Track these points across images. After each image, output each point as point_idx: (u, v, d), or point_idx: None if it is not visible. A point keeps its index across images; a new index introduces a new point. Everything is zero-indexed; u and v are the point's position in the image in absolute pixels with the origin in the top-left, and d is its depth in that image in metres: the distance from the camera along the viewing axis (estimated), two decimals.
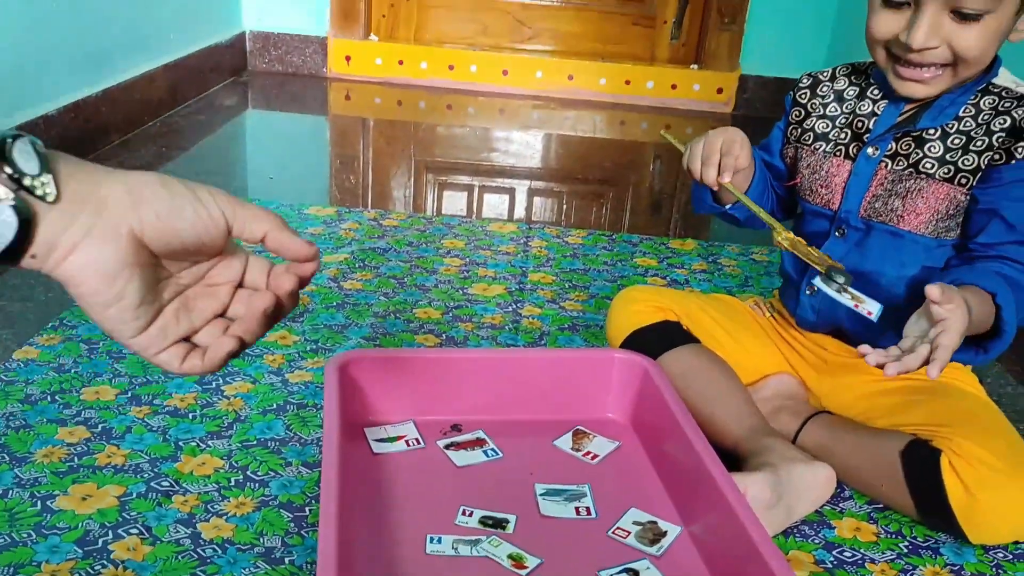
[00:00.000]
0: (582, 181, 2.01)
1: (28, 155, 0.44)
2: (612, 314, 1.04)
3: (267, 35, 2.68)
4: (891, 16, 0.84)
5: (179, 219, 0.48)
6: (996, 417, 0.89)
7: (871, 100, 0.94)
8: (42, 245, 0.45)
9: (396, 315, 1.24)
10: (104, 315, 0.49)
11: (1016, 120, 0.85)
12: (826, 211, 0.96)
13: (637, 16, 2.73)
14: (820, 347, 1.01)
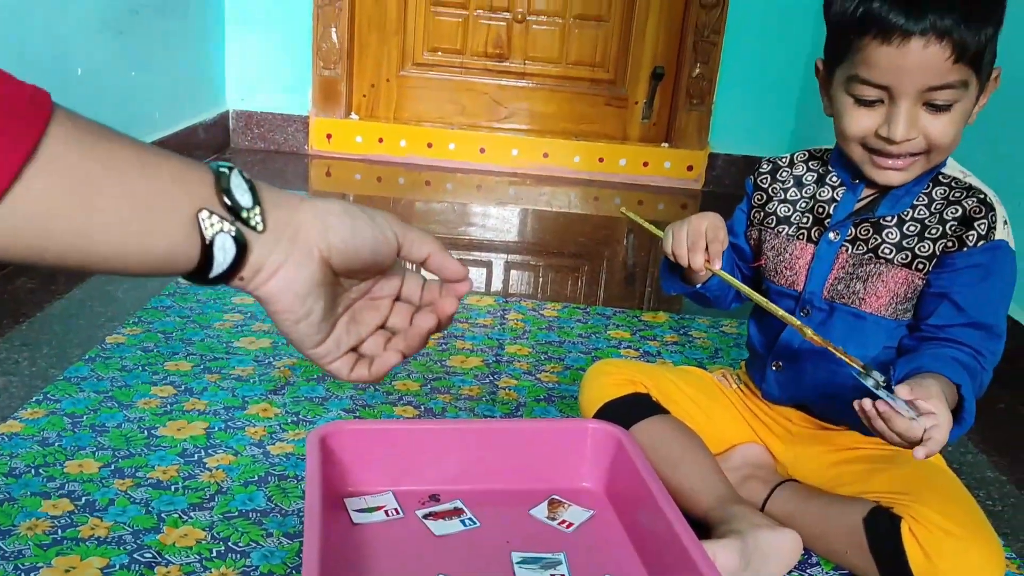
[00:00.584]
0: (557, 255, 2.06)
1: (242, 189, 0.50)
2: (584, 387, 1.07)
3: (250, 114, 2.75)
4: (865, 113, 0.89)
5: (360, 242, 0.54)
6: (954, 484, 0.93)
7: (830, 187, 1.00)
8: (250, 268, 0.51)
9: (375, 387, 1.26)
10: (293, 329, 0.55)
11: (966, 210, 0.91)
12: (791, 292, 1.01)
13: (609, 97, 2.83)
14: (786, 419, 1.05)
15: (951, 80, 0.84)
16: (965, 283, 0.90)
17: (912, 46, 0.83)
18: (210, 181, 0.49)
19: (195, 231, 0.48)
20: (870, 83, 0.87)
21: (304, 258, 0.52)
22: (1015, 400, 1.42)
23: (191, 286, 1.55)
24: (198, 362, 1.29)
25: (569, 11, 2.75)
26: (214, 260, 0.49)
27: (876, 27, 0.84)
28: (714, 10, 2.66)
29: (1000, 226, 0.91)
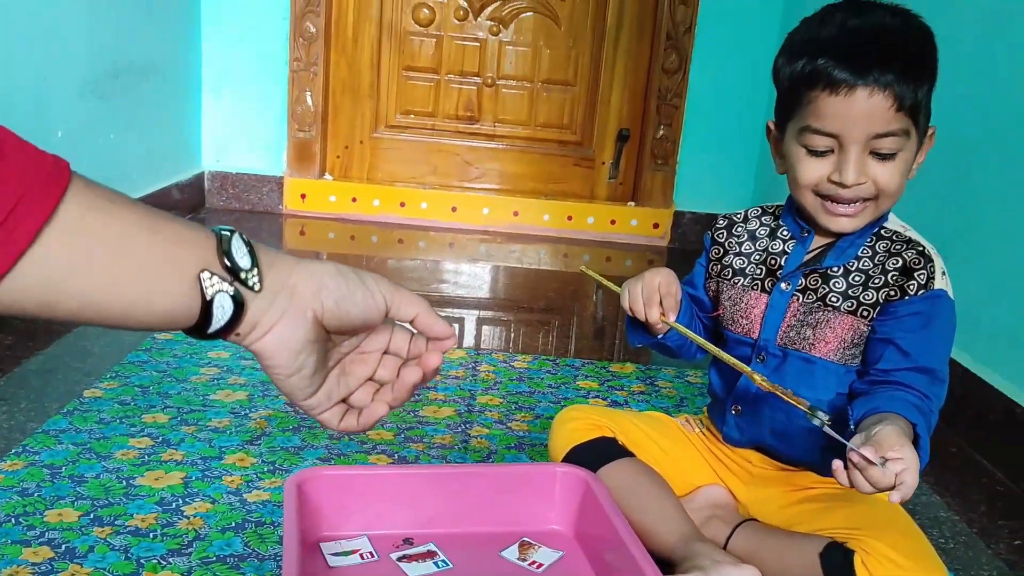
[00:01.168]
0: (528, 310, 2.11)
1: (242, 252, 0.54)
2: (552, 433, 1.11)
3: (225, 175, 2.80)
4: (817, 162, 0.95)
5: (351, 304, 0.58)
6: (904, 520, 0.98)
7: (781, 240, 1.06)
8: (246, 325, 0.55)
9: (350, 437, 1.29)
10: (286, 382, 0.59)
11: (906, 261, 0.97)
12: (747, 339, 1.06)
13: (577, 158, 2.92)
14: (746, 460, 1.09)
15: (894, 128, 0.91)
16: (908, 329, 0.96)
17: (858, 95, 0.90)
18: (212, 244, 0.54)
19: (196, 290, 0.52)
20: (821, 132, 0.93)
21: (298, 317, 0.56)
22: (967, 444, 1.48)
23: (167, 341, 1.59)
24: (175, 414, 1.32)
25: (537, 76, 2.86)
26: (213, 317, 0.53)
27: (824, 81, 0.91)
28: (676, 75, 2.77)
29: (939, 277, 0.97)
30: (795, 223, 1.05)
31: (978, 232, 1.57)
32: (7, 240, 0.45)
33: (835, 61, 0.91)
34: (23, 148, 0.47)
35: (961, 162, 1.63)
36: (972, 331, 1.56)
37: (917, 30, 0.95)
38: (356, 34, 2.80)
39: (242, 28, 2.71)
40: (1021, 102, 1.48)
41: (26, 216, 0.46)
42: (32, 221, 0.46)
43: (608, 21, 2.81)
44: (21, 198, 0.46)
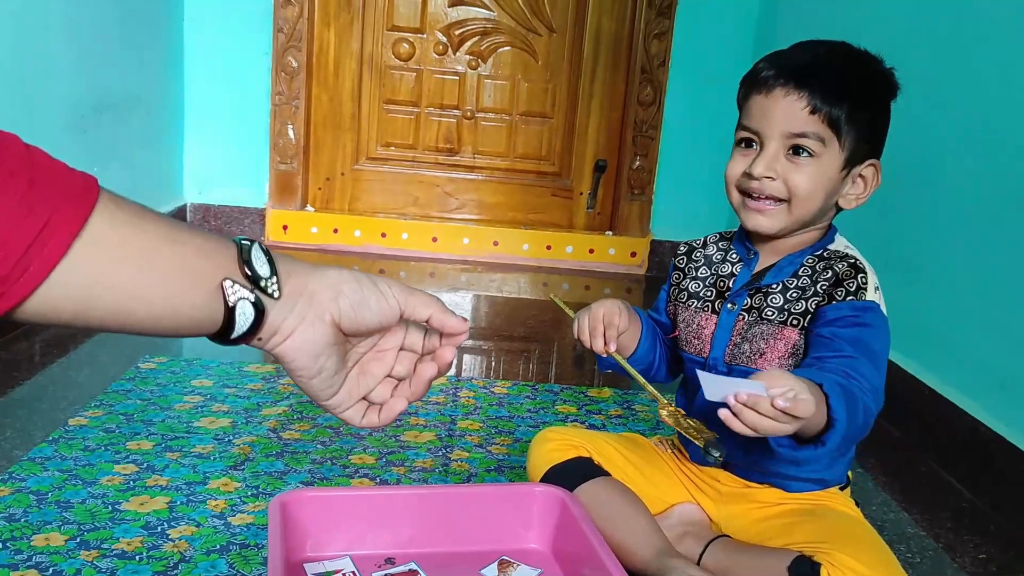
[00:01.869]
0: (508, 338, 2.15)
1: (262, 261, 0.58)
2: (530, 454, 1.14)
3: (207, 207, 2.83)
4: (740, 158, 1.02)
5: (367, 309, 0.62)
6: (869, 533, 1.01)
7: (730, 263, 1.10)
8: (267, 330, 0.59)
9: (333, 461, 1.32)
10: (308, 384, 0.62)
11: (838, 273, 1.00)
12: (699, 358, 1.10)
13: (556, 188, 2.97)
14: (714, 479, 1.12)
15: (808, 130, 0.97)
16: (839, 327, 0.97)
17: (776, 93, 0.98)
18: (233, 254, 0.57)
19: (219, 298, 0.56)
20: (746, 127, 1.02)
21: (316, 322, 0.60)
22: (935, 463, 1.52)
23: (151, 370, 1.61)
24: (159, 441, 1.34)
25: (515, 109, 2.91)
26: (235, 323, 0.57)
27: (755, 83, 1.01)
28: (651, 107, 2.84)
29: (871, 290, 0.99)
30: (742, 245, 1.09)
31: (945, 257, 1.63)
32: (40, 253, 0.48)
33: (767, 65, 1.00)
34: (54, 167, 0.51)
35: (929, 189, 1.69)
36: (939, 354, 1.61)
37: (853, 58, 1.01)
38: (337, 68, 2.85)
39: (225, 62, 2.76)
40: (984, 132, 1.55)
41: (58, 231, 0.49)
42: (63, 236, 0.49)
43: (584, 55, 2.87)
44: (53, 214, 0.49)
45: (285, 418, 1.46)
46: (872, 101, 1.00)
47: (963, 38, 1.62)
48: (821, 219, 1.04)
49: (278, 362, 0.61)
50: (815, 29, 2.32)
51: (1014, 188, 1.43)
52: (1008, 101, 1.46)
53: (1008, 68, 1.48)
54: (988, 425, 1.42)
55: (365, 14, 2.83)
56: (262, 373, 1.67)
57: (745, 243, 1.09)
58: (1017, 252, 1.41)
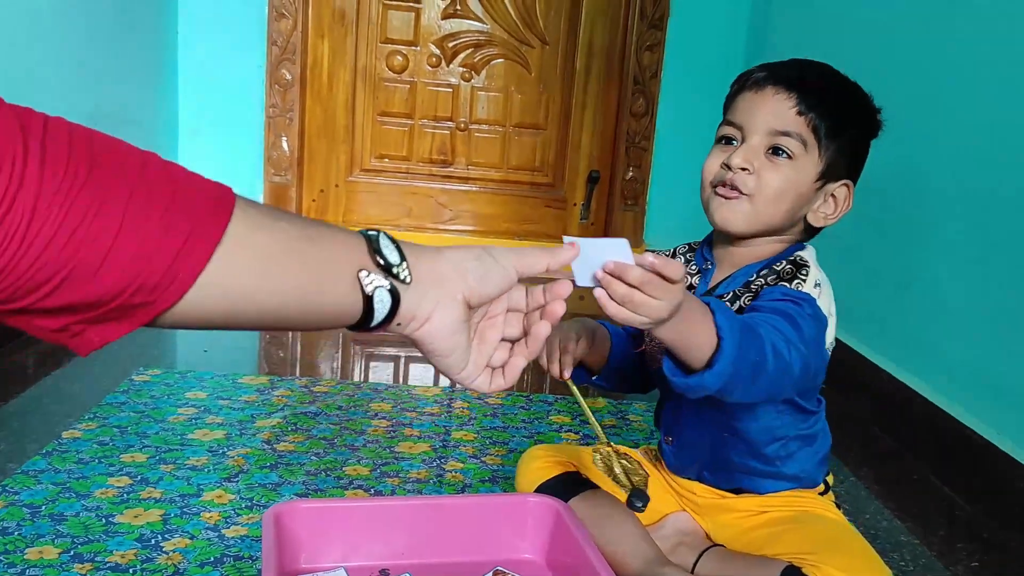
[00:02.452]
0: None
1: (391, 249, 0.61)
2: (518, 473, 1.14)
3: None
4: (722, 152, 1.02)
5: (490, 282, 0.66)
6: (855, 540, 1.01)
7: (689, 274, 1.10)
8: (404, 316, 0.62)
9: (327, 473, 1.32)
10: (445, 362, 0.66)
11: (779, 271, 1.00)
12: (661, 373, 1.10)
13: (549, 199, 2.98)
14: (690, 491, 1.12)
15: (792, 130, 0.98)
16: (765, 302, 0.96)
17: (767, 91, 0.99)
18: (363, 245, 0.61)
19: (357, 289, 0.59)
20: (731, 123, 1.02)
21: (449, 303, 0.63)
22: (927, 471, 1.52)
23: (145, 383, 1.61)
24: (153, 454, 1.34)
25: (509, 120, 2.93)
26: (374, 311, 0.60)
27: (745, 81, 1.02)
28: (644, 118, 2.85)
29: (809, 285, 0.98)
30: (702, 257, 1.09)
31: (936, 266, 1.64)
32: (186, 262, 0.52)
33: (761, 69, 1.02)
34: (192, 179, 0.55)
35: (921, 200, 1.70)
36: (931, 362, 1.62)
37: (845, 84, 1.03)
38: (331, 81, 2.86)
39: (218, 75, 2.76)
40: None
41: (201, 240, 0.52)
42: (206, 244, 0.53)
43: (577, 67, 2.89)
44: (196, 225, 0.52)
45: (279, 430, 1.46)
46: (856, 125, 1.01)
47: (954, 53, 1.64)
48: (788, 229, 1.02)
49: (416, 346, 0.64)
50: (805, 42, 2.35)
51: (1005, 199, 1.44)
52: (997, 115, 1.48)
53: (998, 83, 1.49)
54: (980, 433, 1.43)
55: (359, 27, 2.84)
56: (256, 385, 1.67)
57: (704, 253, 1.09)
58: (1007, 261, 1.42)
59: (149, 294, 0.52)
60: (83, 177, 0.49)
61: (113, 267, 0.50)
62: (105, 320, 0.52)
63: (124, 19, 2.34)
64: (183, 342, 2.07)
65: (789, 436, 1.04)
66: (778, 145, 0.98)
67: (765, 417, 1.02)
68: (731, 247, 1.05)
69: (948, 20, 1.66)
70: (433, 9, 2.85)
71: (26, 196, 0.47)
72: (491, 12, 2.86)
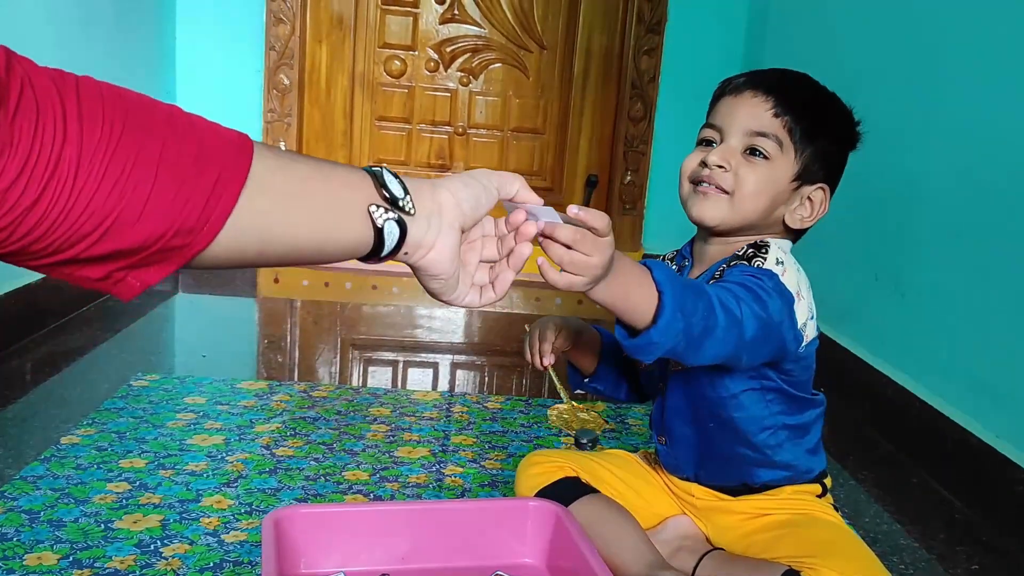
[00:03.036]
0: (501, 353, 2.15)
1: (395, 183, 0.65)
2: (517, 479, 1.14)
3: None
4: (700, 152, 1.03)
5: (480, 206, 0.70)
6: (853, 543, 1.01)
7: None
8: (411, 244, 0.67)
9: (326, 478, 1.32)
10: (442, 287, 0.71)
11: (740, 255, 0.99)
12: (648, 372, 1.12)
13: (547, 203, 2.98)
14: (688, 493, 1.12)
15: (768, 130, 0.99)
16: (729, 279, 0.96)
17: (745, 95, 1.02)
18: (370, 181, 0.65)
19: (367, 222, 0.64)
20: (711, 126, 1.03)
21: (449, 231, 0.68)
22: (927, 476, 1.53)
23: (143, 388, 1.61)
24: (152, 459, 1.33)
25: (507, 125, 2.93)
26: (384, 242, 0.65)
27: (728, 87, 1.04)
28: (641, 123, 2.85)
29: (771, 262, 0.97)
30: (681, 256, 1.10)
31: (934, 270, 1.64)
32: (217, 205, 0.56)
33: (741, 75, 1.04)
34: (214, 128, 0.59)
35: (917, 204, 1.71)
36: (929, 366, 1.62)
37: (824, 93, 1.04)
38: (329, 86, 2.86)
39: (217, 80, 2.76)
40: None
41: (228, 184, 0.57)
42: (233, 187, 0.57)
43: (575, 71, 2.89)
44: (222, 171, 0.56)
45: (278, 435, 1.46)
46: (832, 131, 1.03)
47: (951, 58, 1.64)
48: (765, 228, 1.03)
49: (417, 273, 0.70)
50: (802, 47, 2.35)
51: (1001, 202, 1.44)
52: (993, 119, 1.48)
53: (996, 87, 1.49)
54: (979, 436, 1.43)
55: (357, 32, 2.84)
56: (255, 390, 1.67)
57: (684, 252, 1.11)
58: (1005, 265, 1.42)
59: (187, 236, 0.56)
60: (119, 130, 0.53)
61: (154, 212, 0.54)
62: (145, 265, 0.57)
63: (122, 24, 2.34)
64: (181, 348, 2.07)
65: (778, 425, 1.04)
66: (754, 146, 1.00)
67: (753, 406, 1.02)
68: (708, 245, 1.06)
69: (942, 27, 1.66)
70: (431, 14, 2.85)
71: (71, 151, 0.50)
72: (489, 17, 2.86)
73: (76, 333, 1.94)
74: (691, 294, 0.84)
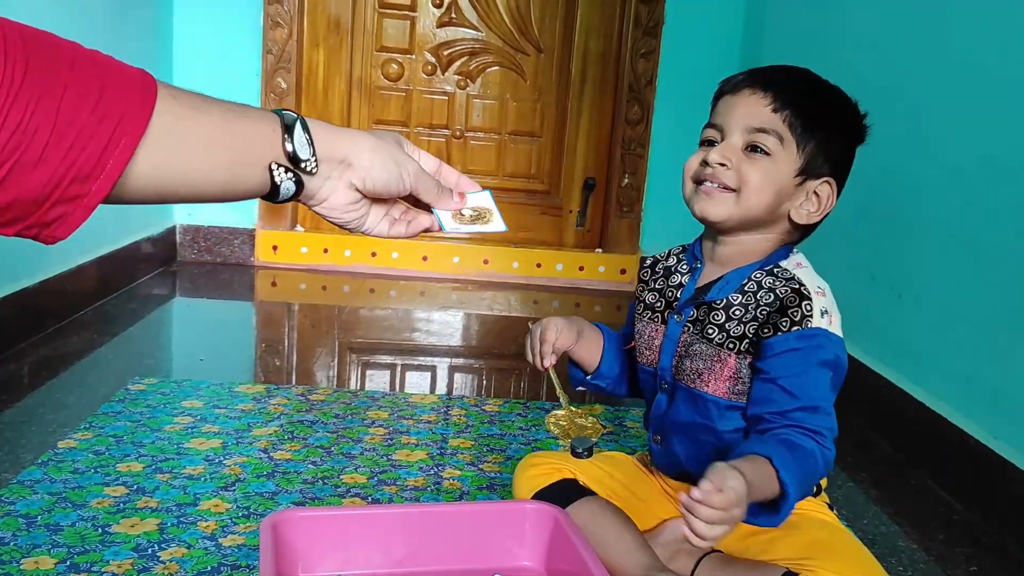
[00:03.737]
0: (499, 356, 2.15)
1: (303, 142, 0.70)
2: (515, 481, 1.14)
3: (197, 228, 2.83)
4: (702, 152, 1.03)
5: (387, 191, 0.77)
6: (850, 543, 1.01)
7: (680, 273, 1.10)
8: (305, 196, 0.74)
9: (324, 481, 1.31)
10: (339, 220, 0.78)
11: (781, 298, 0.98)
12: (650, 369, 1.10)
13: (545, 206, 2.99)
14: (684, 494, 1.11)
15: (767, 126, 0.99)
16: (788, 367, 0.96)
17: (743, 92, 1.02)
18: (279, 135, 0.69)
19: (268, 176, 0.70)
20: (711, 125, 1.04)
21: (345, 188, 0.75)
22: (924, 476, 1.53)
23: (140, 392, 1.61)
24: (149, 463, 1.33)
25: (504, 128, 2.93)
26: (280, 195, 0.71)
27: (727, 87, 1.05)
28: (639, 126, 2.86)
29: (816, 315, 0.97)
30: (692, 255, 1.10)
31: (932, 272, 1.64)
32: (113, 154, 0.58)
33: (740, 74, 1.05)
34: (117, 67, 0.60)
35: (916, 206, 1.71)
36: (927, 368, 1.62)
37: (825, 85, 1.04)
38: (327, 89, 2.87)
39: (214, 84, 2.75)
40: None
41: (126, 135, 0.58)
42: (130, 139, 0.58)
43: (572, 74, 2.90)
44: (122, 117, 0.58)
45: (276, 438, 1.46)
46: (834, 123, 1.02)
47: (948, 62, 1.64)
48: (771, 225, 1.03)
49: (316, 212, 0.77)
50: (799, 47, 2.36)
51: (999, 204, 1.44)
52: (992, 123, 1.48)
53: (994, 91, 1.50)
54: (977, 437, 1.43)
55: (354, 35, 2.85)
56: (252, 394, 1.67)
57: (695, 252, 1.10)
58: (1003, 268, 1.42)
59: (83, 185, 0.58)
60: (20, 76, 0.54)
61: (52, 157, 0.56)
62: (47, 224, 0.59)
63: (118, 28, 2.34)
64: (179, 351, 2.07)
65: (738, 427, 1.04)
66: (755, 142, 1.00)
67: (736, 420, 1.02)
68: (719, 245, 1.05)
69: (940, 28, 1.67)
70: (428, 17, 2.85)
71: None
72: (486, 20, 2.86)
73: (73, 337, 1.94)
74: (805, 467, 0.91)
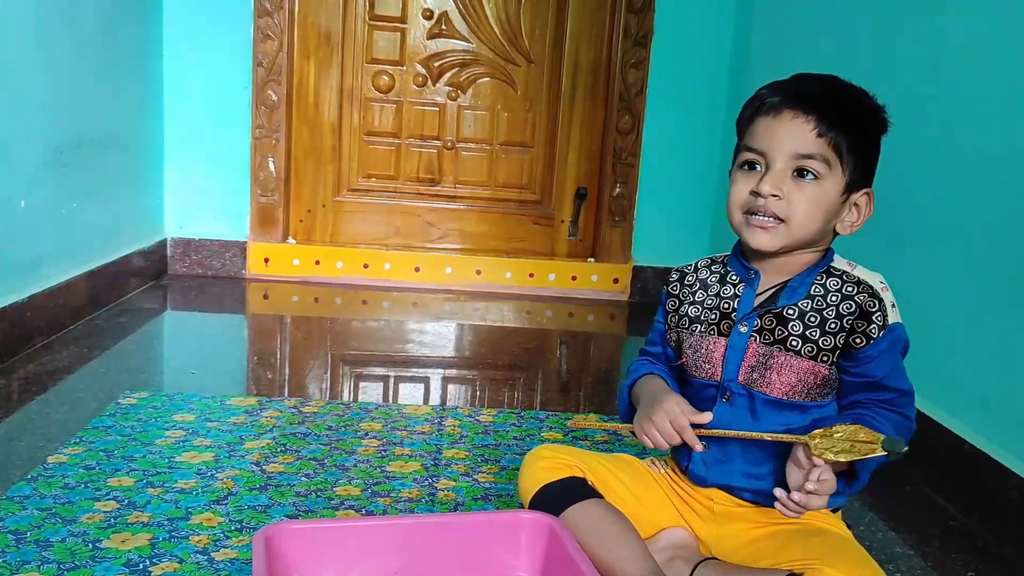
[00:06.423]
0: (492, 367, 2.14)
1: None
2: (522, 471, 1.13)
3: (188, 241, 2.82)
4: (746, 179, 1.04)
5: None
6: (858, 551, 1.01)
7: (731, 284, 1.11)
8: None
9: (317, 493, 1.30)
10: None
11: (860, 304, 1.02)
12: (712, 382, 1.10)
13: (537, 216, 2.98)
14: (708, 499, 1.11)
15: (815, 152, 1.00)
16: (885, 366, 1.02)
17: (784, 115, 1.01)
18: None
19: None
20: (752, 148, 1.03)
21: None
22: (921, 482, 1.52)
23: (132, 406, 1.59)
24: (141, 477, 1.32)
25: (496, 138, 2.93)
26: None
27: (760, 106, 1.04)
28: (630, 135, 2.86)
29: (890, 312, 1.03)
30: (741, 266, 1.10)
31: (929, 279, 1.64)
32: None
33: (772, 92, 1.04)
34: None
35: (913, 214, 1.71)
36: (923, 374, 1.62)
37: (852, 92, 1.05)
38: (318, 101, 2.86)
39: (204, 96, 2.76)
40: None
41: None
42: None
43: (563, 85, 2.90)
44: None
45: (268, 451, 1.45)
46: (870, 132, 1.04)
47: (942, 68, 1.65)
48: (820, 241, 1.06)
49: None
50: (787, 58, 2.36)
51: (997, 212, 1.45)
52: (990, 130, 1.49)
53: (993, 95, 1.50)
54: (973, 443, 1.43)
55: (344, 47, 2.85)
56: (244, 406, 1.65)
57: (742, 261, 1.10)
58: (999, 275, 1.42)
59: None
60: None
61: None
62: None
63: (109, 41, 2.33)
64: (170, 365, 2.06)
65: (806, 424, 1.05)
66: (803, 167, 1.01)
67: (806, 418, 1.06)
68: (768, 257, 1.07)
69: (926, 35, 1.67)
70: (418, 29, 2.86)
71: None
72: (476, 31, 2.87)
73: (63, 351, 1.92)
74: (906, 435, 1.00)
